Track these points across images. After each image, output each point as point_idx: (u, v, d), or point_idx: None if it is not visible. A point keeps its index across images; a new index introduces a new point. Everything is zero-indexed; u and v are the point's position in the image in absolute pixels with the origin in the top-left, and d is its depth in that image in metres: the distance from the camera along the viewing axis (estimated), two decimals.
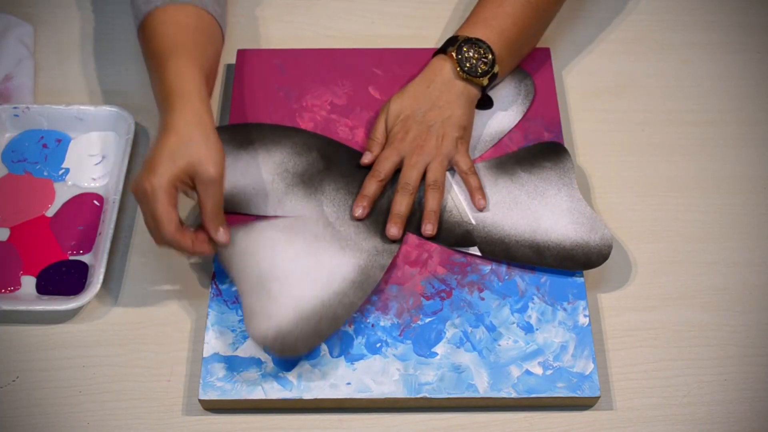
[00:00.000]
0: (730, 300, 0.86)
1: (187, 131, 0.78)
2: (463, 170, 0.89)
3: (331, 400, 0.78)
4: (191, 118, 0.78)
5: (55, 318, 0.84)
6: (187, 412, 0.79)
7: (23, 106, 0.95)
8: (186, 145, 0.77)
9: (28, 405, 0.80)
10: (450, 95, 0.89)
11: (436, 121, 0.89)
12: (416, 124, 0.89)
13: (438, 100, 0.89)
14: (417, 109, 0.89)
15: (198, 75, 0.81)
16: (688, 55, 1.04)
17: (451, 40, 0.91)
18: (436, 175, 0.88)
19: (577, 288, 0.84)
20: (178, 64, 0.81)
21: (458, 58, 0.89)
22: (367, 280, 0.83)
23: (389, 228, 0.86)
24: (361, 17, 1.08)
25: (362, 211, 0.87)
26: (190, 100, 0.79)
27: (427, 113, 0.89)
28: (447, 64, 0.90)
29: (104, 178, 0.93)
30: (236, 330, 0.81)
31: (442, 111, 0.89)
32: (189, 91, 0.80)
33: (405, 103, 0.90)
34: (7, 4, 1.07)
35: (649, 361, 0.82)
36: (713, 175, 0.95)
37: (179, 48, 0.83)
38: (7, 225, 0.89)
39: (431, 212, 0.86)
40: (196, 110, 0.79)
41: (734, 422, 0.79)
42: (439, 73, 0.90)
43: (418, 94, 0.90)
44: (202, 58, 0.84)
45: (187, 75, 0.81)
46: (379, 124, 0.91)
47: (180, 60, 0.82)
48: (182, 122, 0.78)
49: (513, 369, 0.79)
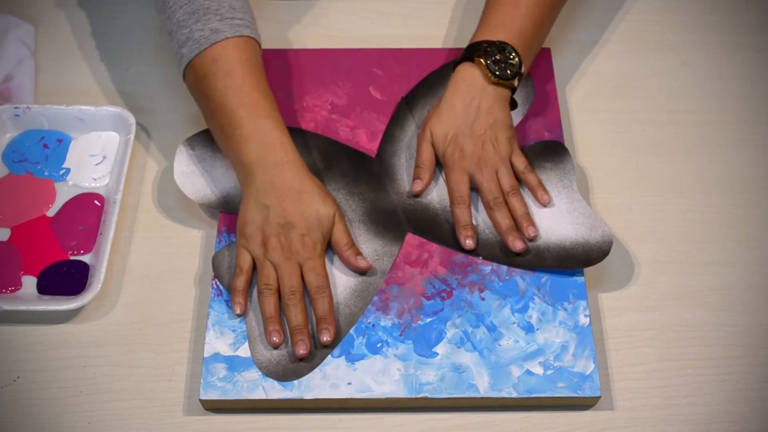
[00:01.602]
0: (730, 300, 0.86)
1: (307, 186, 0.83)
2: (520, 170, 0.88)
3: (331, 400, 0.78)
4: (305, 172, 0.84)
5: (56, 318, 0.84)
6: (187, 412, 0.79)
7: (24, 106, 0.95)
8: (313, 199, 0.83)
9: (28, 405, 0.80)
10: (487, 101, 0.88)
11: (484, 129, 0.87)
12: (468, 139, 0.87)
13: (478, 109, 0.88)
14: (461, 124, 0.88)
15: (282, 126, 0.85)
16: (688, 55, 1.04)
17: (474, 47, 0.89)
18: (511, 182, 0.87)
19: (577, 288, 0.84)
20: (265, 122, 0.84)
21: (487, 64, 0.87)
22: (368, 288, 0.83)
23: (514, 243, 0.84)
24: (361, 17, 1.08)
25: (472, 242, 0.85)
26: (293, 152, 0.84)
27: (473, 125, 0.87)
28: (476, 72, 0.88)
29: (105, 178, 0.93)
30: (237, 330, 0.81)
31: (486, 118, 0.87)
32: (287, 144, 0.84)
33: (447, 122, 0.88)
34: (8, 4, 1.07)
35: (649, 361, 0.82)
36: (713, 175, 0.95)
37: (260, 104, 0.85)
38: (7, 225, 0.89)
39: (524, 216, 0.86)
40: (299, 163, 0.84)
41: (734, 422, 0.79)
42: (470, 82, 0.88)
43: (457, 108, 0.88)
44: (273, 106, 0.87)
45: (277, 130, 0.84)
46: (425, 150, 0.89)
47: (266, 119, 0.84)
48: (298, 178, 0.83)
49: (513, 369, 0.79)
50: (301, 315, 0.80)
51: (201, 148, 0.92)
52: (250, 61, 0.86)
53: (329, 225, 0.83)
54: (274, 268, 0.81)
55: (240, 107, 0.84)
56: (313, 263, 0.82)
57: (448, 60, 1.00)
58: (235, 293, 0.82)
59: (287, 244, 0.81)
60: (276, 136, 0.84)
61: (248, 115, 0.83)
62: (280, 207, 0.81)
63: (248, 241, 0.82)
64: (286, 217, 0.81)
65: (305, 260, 0.82)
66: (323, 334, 0.79)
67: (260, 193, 0.82)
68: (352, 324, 0.81)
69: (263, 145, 0.83)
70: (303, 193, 0.82)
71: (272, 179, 0.82)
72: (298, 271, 0.81)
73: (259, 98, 0.85)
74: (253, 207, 0.82)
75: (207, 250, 0.88)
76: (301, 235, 0.82)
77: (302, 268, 0.82)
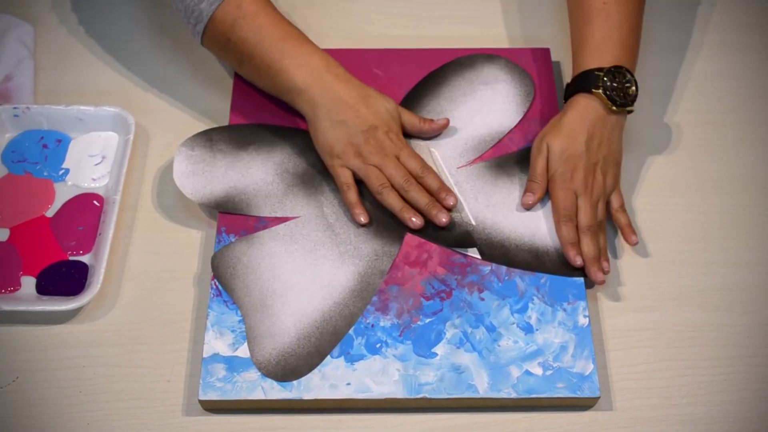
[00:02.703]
0: (730, 300, 0.86)
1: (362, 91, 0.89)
2: (616, 207, 0.88)
3: (330, 401, 0.78)
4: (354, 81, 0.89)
5: (55, 318, 0.84)
6: (187, 413, 0.79)
7: (23, 106, 0.95)
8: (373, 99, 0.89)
9: (28, 405, 0.80)
10: (605, 130, 0.88)
11: (599, 158, 0.87)
12: (582, 162, 0.87)
13: (596, 136, 0.87)
14: (579, 147, 0.87)
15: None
16: (689, 55, 1.04)
17: (588, 76, 0.88)
18: (603, 215, 0.87)
19: (576, 288, 0.84)
20: (307, 46, 0.89)
21: (608, 95, 0.87)
22: (367, 288, 0.83)
23: (596, 274, 0.83)
24: (361, 17, 1.07)
25: (580, 260, 0.84)
26: (340, 65, 0.90)
27: (590, 151, 0.87)
28: (596, 103, 0.87)
29: (104, 179, 0.93)
30: (236, 330, 0.81)
31: (601, 148, 0.87)
32: (331, 60, 0.89)
33: (566, 142, 0.87)
34: (7, 4, 1.07)
35: (649, 361, 0.82)
36: (713, 175, 0.95)
37: (294, 32, 0.90)
38: (7, 225, 0.89)
39: (604, 250, 0.86)
40: (348, 73, 0.90)
41: (734, 422, 0.79)
42: (592, 112, 0.87)
43: (577, 131, 0.87)
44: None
45: (319, 51, 0.90)
46: (539, 165, 0.88)
47: (306, 43, 0.90)
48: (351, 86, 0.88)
49: (513, 369, 0.79)
50: (425, 193, 0.87)
51: (201, 148, 0.92)
52: (267, 0, 0.91)
53: (398, 116, 0.90)
54: (378, 169, 0.86)
55: (280, 39, 0.88)
56: (407, 151, 0.88)
57: (448, 60, 1.00)
58: (353, 206, 0.87)
59: (379, 145, 0.87)
60: (321, 55, 0.89)
61: (290, 44, 0.88)
62: (356, 116, 0.87)
63: (343, 158, 0.87)
64: (366, 122, 0.87)
65: (398, 151, 0.88)
66: (448, 200, 0.86)
67: (331, 112, 0.87)
68: (351, 324, 0.81)
69: (314, 67, 0.88)
70: (368, 97, 0.88)
71: (336, 94, 0.87)
72: (399, 163, 0.87)
73: (290, 28, 0.90)
74: (330, 127, 0.87)
75: (206, 251, 0.88)
76: (385, 132, 0.88)
77: (399, 158, 0.88)
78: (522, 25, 1.06)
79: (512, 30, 1.06)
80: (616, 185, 0.89)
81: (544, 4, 1.08)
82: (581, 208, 0.86)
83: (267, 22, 0.88)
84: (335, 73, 0.88)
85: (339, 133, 0.86)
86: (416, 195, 0.86)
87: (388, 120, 0.88)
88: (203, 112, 0.98)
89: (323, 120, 0.87)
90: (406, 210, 0.86)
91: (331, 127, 0.87)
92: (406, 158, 0.88)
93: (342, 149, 0.87)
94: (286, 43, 0.88)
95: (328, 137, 0.87)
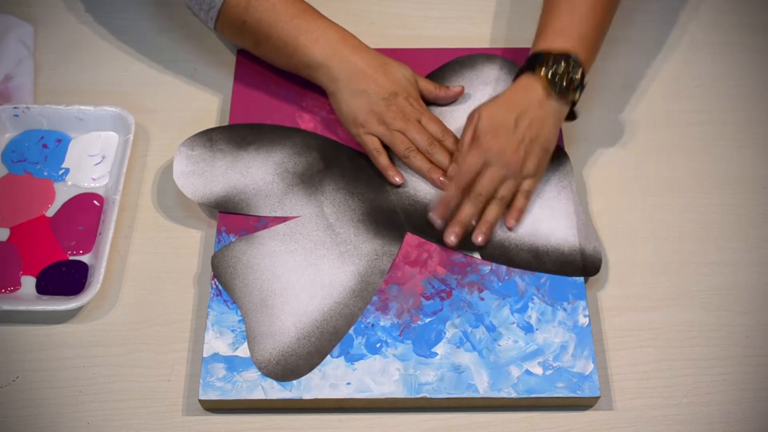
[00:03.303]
0: (730, 300, 0.86)
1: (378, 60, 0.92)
2: (522, 189, 0.88)
3: (330, 400, 0.78)
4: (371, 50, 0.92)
5: (55, 318, 0.84)
6: (187, 413, 0.79)
7: (23, 106, 0.95)
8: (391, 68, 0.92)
9: (28, 405, 0.80)
10: (540, 113, 0.87)
11: (525, 138, 0.86)
12: (506, 135, 0.86)
13: (528, 116, 0.87)
14: (510, 121, 0.86)
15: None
16: (688, 55, 1.04)
17: (536, 57, 0.88)
18: (506, 192, 0.87)
19: (577, 288, 0.84)
20: (322, 21, 0.92)
21: (549, 77, 0.87)
22: (367, 288, 0.83)
23: (448, 235, 0.85)
24: (361, 17, 1.07)
25: (439, 222, 0.86)
26: (355, 37, 0.93)
27: (518, 127, 0.86)
28: (537, 84, 0.87)
29: (104, 179, 0.93)
30: (236, 330, 0.81)
31: (531, 129, 0.86)
32: (346, 32, 0.93)
33: (498, 112, 0.87)
34: (7, 4, 1.07)
35: (649, 361, 0.82)
36: (713, 175, 0.95)
37: (307, 8, 0.93)
38: (7, 225, 0.89)
39: (487, 222, 0.86)
40: (363, 44, 0.93)
41: (734, 422, 0.79)
42: (531, 92, 0.87)
43: (511, 106, 0.87)
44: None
45: (334, 24, 0.93)
46: (467, 135, 0.89)
47: (320, 18, 0.92)
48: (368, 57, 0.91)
49: (513, 369, 0.79)
50: (447, 154, 0.90)
51: (201, 148, 0.92)
52: None
53: (415, 81, 0.93)
54: (402, 134, 0.89)
55: (294, 17, 0.91)
56: (428, 116, 0.91)
57: (448, 60, 1.00)
58: (386, 169, 0.90)
59: (400, 111, 0.90)
60: (336, 29, 0.92)
61: (305, 20, 0.91)
62: (376, 84, 0.89)
63: (367, 126, 0.90)
64: (387, 89, 0.89)
65: (420, 116, 0.91)
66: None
67: (351, 82, 0.89)
68: (351, 324, 0.81)
69: (331, 41, 0.90)
70: (385, 65, 0.91)
71: (354, 65, 0.90)
72: (422, 128, 0.90)
73: (303, 4, 0.92)
74: (351, 97, 0.90)
75: (206, 250, 0.88)
76: (405, 98, 0.90)
77: (422, 122, 0.90)
78: (522, 26, 1.06)
79: (512, 30, 1.06)
80: (536, 171, 0.88)
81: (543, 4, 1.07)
82: (484, 175, 0.86)
83: (280, 1, 0.91)
84: (352, 44, 0.91)
85: (361, 102, 0.89)
86: (440, 157, 0.89)
87: (407, 86, 0.91)
88: (203, 112, 0.98)
89: (344, 91, 0.90)
90: (433, 170, 0.89)
91: (352, 97, 0.89)
92: (428, 122, 0.91)
93: (365, 118, 0.89)
94: (300, 20, 0.90)
95: (351, 107, 0.90)
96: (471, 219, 0.86)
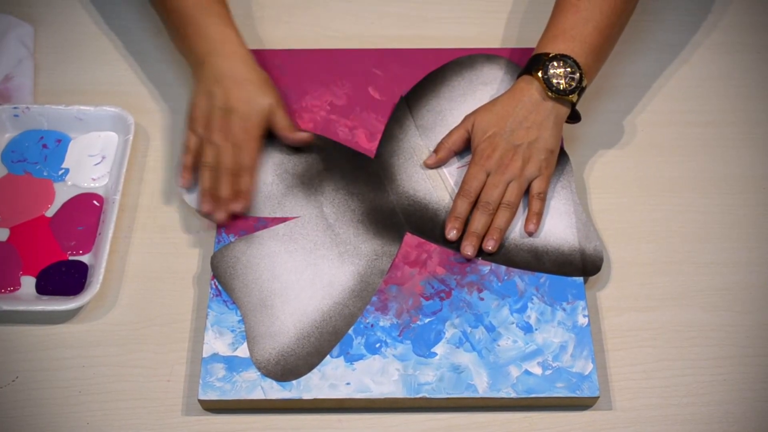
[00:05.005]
0: (730, 300, 0.86)
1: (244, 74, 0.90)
2: (533, 193, 0.87)
3: (330, 400, 0.78)
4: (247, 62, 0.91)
5: (55, 318, 0.84)
6: (186, 413, 0.79)
7: (23, 106, 0.95)
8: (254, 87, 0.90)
9: (28, 405, 0.80)
10: (538, 116, 0.87)
11: (523, 142, 0.87)
12: (503, 143, 0.87)
13: (526, 120, 0.87)
14: (505, 128, 0.87)
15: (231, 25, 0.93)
16: (688, 55, 1.04)
17: (535, 60, 0.88)
18: (511, 197, 0.86)
19: (576, 288, 0.84)
20: (214, 20, 0.91)
21: (545, 79, 0.87)
22: (366, 288, 0.83)
23: (465, 247, 0.85)
24: (361, 17, 1.07)
25: (456, 233, 0.86)
26: (241, 46, 0.92)
27: (515, 133, 0.87)
28: (534, 85, 0.88)
29: (104, 179, 0.93)
30: (236, 330, 0.81)
31: (529, 132, 0.87)
32: (234, 38, 0.92)
33: (492, 120, 0.88)
34: (7, 4, 1.07)
35: (648, 361, 0.82)
36: (713, 175, 0.94)
37: (210, 5, 0.92)
38: (7, 225, 0.89)
39: (497, 229, 0.86)
40: (247, 56, 0.91)
41: (734, 422, 0.79)
42: (527, 95, 0.88)
43: (506, 112, 0.88)
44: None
45: (226, 27, 0.92)
46: (456, 134, 0.90)
47: (214, 17, 0.92)
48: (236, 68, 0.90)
49: (512, 369, 0.79)
50: (227, 187, 0.87)
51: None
52: None
53: (267, 112, 0.90)
54: (216, 149, 0.88)
55: (191, 7, 0.91)
56: (250, 144, 0.89)
57: (448, 60, 1.00)
58: (183, 169, 0.89)
59: (227, 127, 0.88)
60: (223, 31, 0.91)
61: (199, 14, 0.91)
62: (224, 94, 0.88)
63: (194, 123, 0.89)
64: (228, 102, 0.88)
65: (242, 142, 0.88)
66: (235, 206, 0.87)
67: (209, 81, 0.89)
68: (350, 324, 0.81)
69: (212, 40, 0.90)
70: (246, 82, 0.89)
71: (220, 69, 0.89)
72: (234, 152, 0.88)
73: (210, 1, 0.92)
74: (200, 93, 0.89)
75: (206, 250, 0.88)
76: (241, 119, 0.88)
77: (238, 148, 0.88)
78: (521, 26, 1.06)
79: (512, 30, 1.06)
80: (541, 172, 0.87)
81: (543, 4, 1.07)
82: (487, 184, 0.87)
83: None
84: (230, 51, 0.91)
85: (204, 101, 0.89)
86: (223, 186, 0.87)
87: (252, 110, 0.89)
88: None
89: (199, 85, 0.90)
90: (210, 192, 0.87)
91: (201, 93, 0.89)
92: (240, 152, 0.88)
93: (198, 116, 0.89)
94: (196, 12, 0.91)
95: (195, 101, 0.90)
96: (484, 228, 0.86)
